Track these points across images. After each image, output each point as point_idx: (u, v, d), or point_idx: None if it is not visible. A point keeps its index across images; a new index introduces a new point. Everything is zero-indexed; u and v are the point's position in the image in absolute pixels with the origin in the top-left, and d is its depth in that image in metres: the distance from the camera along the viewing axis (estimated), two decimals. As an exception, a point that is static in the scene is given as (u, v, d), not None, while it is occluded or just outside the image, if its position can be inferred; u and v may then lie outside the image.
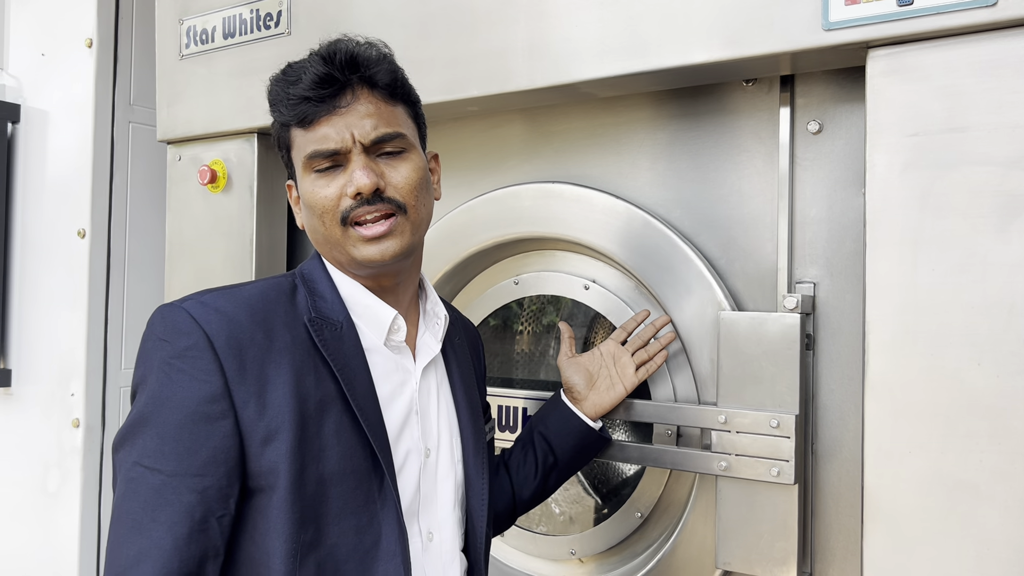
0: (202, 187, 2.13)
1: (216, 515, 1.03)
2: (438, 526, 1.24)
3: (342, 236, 1.16)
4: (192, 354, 1.05)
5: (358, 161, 1.14)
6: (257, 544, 1.07)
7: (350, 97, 1.15)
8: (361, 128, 1.14)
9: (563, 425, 1.54)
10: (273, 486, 1.06)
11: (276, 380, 1.08)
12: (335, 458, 1.10)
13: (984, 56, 1.21)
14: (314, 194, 1.16)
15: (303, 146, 1.17)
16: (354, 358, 1.15)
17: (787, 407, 1.45)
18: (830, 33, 1.30)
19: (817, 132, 1.51)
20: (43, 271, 2.65)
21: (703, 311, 1.57)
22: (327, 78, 1.14)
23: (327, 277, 1.21)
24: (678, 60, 1.44)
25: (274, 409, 1.06)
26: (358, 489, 1.11)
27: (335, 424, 1.11)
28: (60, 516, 2.55)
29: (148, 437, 1.03)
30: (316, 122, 1.15)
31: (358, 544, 1.11)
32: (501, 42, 1.63)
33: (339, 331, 1.16)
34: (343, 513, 1.10)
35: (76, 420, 2.51)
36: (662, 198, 1.67)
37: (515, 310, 2.07)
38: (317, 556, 1.08)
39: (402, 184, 1.17)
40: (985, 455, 1.20)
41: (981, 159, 1.21)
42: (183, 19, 2.14)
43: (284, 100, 1.16)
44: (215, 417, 1.04)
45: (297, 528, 1.06)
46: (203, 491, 1.02)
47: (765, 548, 1.46)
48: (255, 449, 1.06)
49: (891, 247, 1.27)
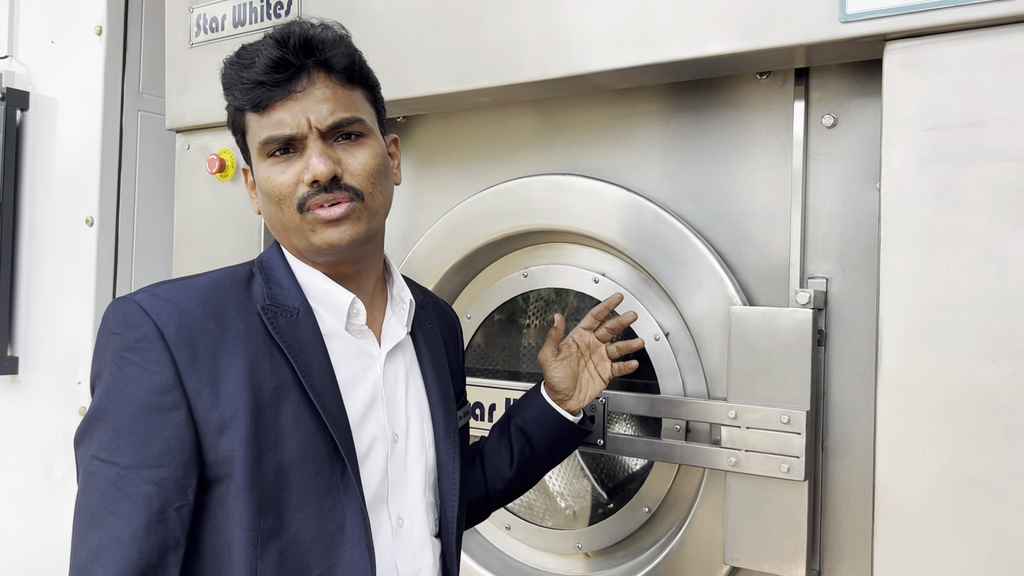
0: (211, 176, 2.12)
1: (174, 506, 1.03)
2: (408, 512, 1.23)
3: (300, 222, 1.14)
4: (142, 346, 1.05)
5: (315, 147, 1.12)
6: (219, 533, 1.06)
7: (306, 81, 1.13)
8: (317, 113, 1.12)
9: (542, 419, 1.47)
10: (230, 475, 1.05)
11: (229, 369, 1.07)
12: (294, 445, 1.09)
13: (1003, 50, 1.19)
14: (270, 180, 1.14)
15: (258, 131, 1.15)
16: (311, 344, 1.14)
17: (798, 403, 1.44)
18: (847, 25, 1.29)
19: (831, 126, 1.50)
20: (51, 259, 2.65)
21: (714, 306, 1.56)
22: (281, 62, 1.11)
23: (285, 264, 1.20)
24: (692, 52, 1.43)
25: (228, 398, 1.06)
26: (319, 475, 1.10)
27: (293, 411, 1.10)
28: (66, 503, 2.56)
29: (103, 431, 1.03)
30: (271, 107, 1.12)
31: (322, 530, 1.10)
32: (513, 32, 1.62)
33: (295, 317, 1.14)
34: (305, 500, 1.09)
35: (82, 408, 2.51)
36: (673, 191, 1.66)
37: (521, 304, 2.06)
38: (279, 543, 1.07)
39: (359, 171, 1.15)
40: (999, 453, 1.19)
41: (999, 154, 1.19)
42: (193, 7, 2.13)
43: (238, 84, 1.14)
44: (167, 408, 1.03)
45: (256, 516, 1.05)
46: (159, 482, 1.02)
47: (774, 544, 1.45)
48: (210, 438, 1.05)
49: (906, 242, 1.26)
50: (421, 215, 1.98)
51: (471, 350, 1.98)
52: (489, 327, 2.00)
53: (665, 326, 1.67)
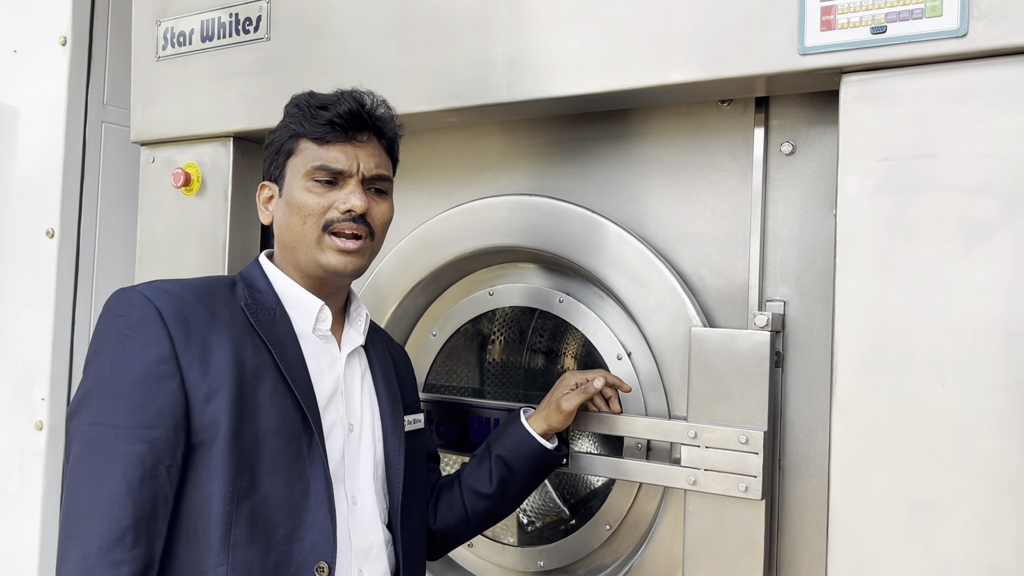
0: (175, 190, 2.11)
1: (165, 464, 1.18)
2: (360, 493, 1.39)
3: (317, 239, 1.35)
4: (144, 324, 1.22)
5: (357, 187, 1.36)
6: (199, 492, 1.21)
7: (366, 137, 1.38)
8: (367, 163, 1.37)
9: (524, 448, 1.56)
10: (214, 438, 1.21)
11: (217, 348, 1.25)
12: (269, 417, 1.26)
13: (954, 85, 1.24)
14: (307, 198, 1.35)
15: (312, 158, 1.36)
16: (286, 336, 1.33)
17: (756, 423, 1.47)
18: (805, 58, 1.33)
19: (790, 153, 1.54)
20: (9, 271, 2.61)
21: (675, 327, 1.59)
22: (356, 115, 1.36)
23: (264, 276, 1.40)
24: (656, 79, 1.46)
25: (215, 371, 1.23)
26: (290, 446, 1.27)
27: (270, 388, 1.28)
28: (21, 519, 2.51)
29: (104, 398, 1.19)
30: (332, 144, 1.35)
31: (289, 494, 1.26)
32: (481, 55, 1.64)
33: (272, 315, 1.35)
34: (276, 466, 1.26)
35: (39, 423, 2.47)
36: (637, 214, 1.69)
37: (487, 322, 2.08)
38: (252, 502, 1.23)
39: (379, 217, 1.40)
40: (948, 475, 1.23)
41: (949, 185, 1.24)
42: (160, 20, 2.12)
43: (310, 117, 1.36)
44: (163, 376, 1.20)
45: (235, 475, 1.21)
46: (153, 441, 1.17)
47: (732, 563, 1.48)
48: (199, 406, 1.22)
49: (860, 269, 1.30)
50: (388, 232, 1.99)
51: (435, 367, 1.99)
52: (454, 342, 2.01)
53: (627, 346, 1.70)
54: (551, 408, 1.57)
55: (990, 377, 1.21)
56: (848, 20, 1.29)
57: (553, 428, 1.57)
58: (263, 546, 1.23)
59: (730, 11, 1.39)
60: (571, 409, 1.55)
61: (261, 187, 1.46)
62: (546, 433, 1.57)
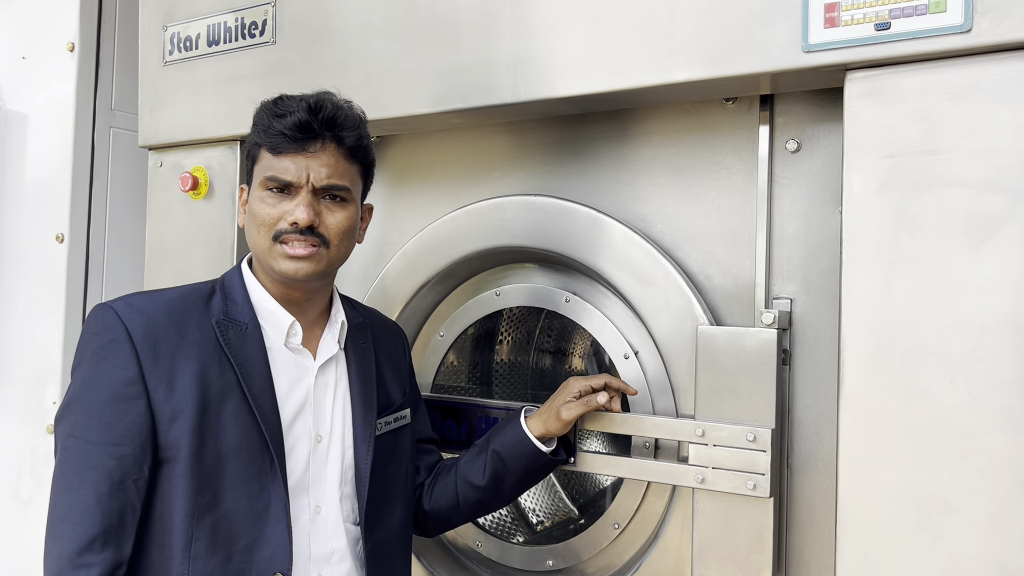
0: (183, 194, 2.12)
1: (132, 478, 1.27)
2: (325, 501, 1.44)
3: (269, 248, 1.38)
4: (114, 346, 1.30)
5: (304, 198, 1.37)
6: (165, 504, 1.30)
7: (319, 146, 1.38)
8: (317, 173, 1.37)
9: (520, 449, 1.57)
10: (176, 457, 1.29)
11: (183, 370, 1.31)
12: (232, 437, 1.33)
13: (958, 81, 1.24)
14: (260, 208, 1.39)
15: (266, 167, 1.39)
16: (254, 354, 1.38)
17: (763, 421, 1.47)
18: (809, 55, 1.33)
19: (795, 151, 1.54)
20: (20, 275, 2.63)
21: (682, 325, 1.59)
22: (306, 125, 1.36)
23: (242, 285, 1.44)
24: (660, 78, 1.47)
25: (180, 393, 1.30)
26: (251, 464, 1.34)
27: (234, 408, 1.33)
28: (32, 522, 2.53)
29: (79, 412, 1.28)
30: (283, 154, 1.37)
31: (250, 508, 1.33)
32: (486, 56, 1.64)
33: (244, 331, 1.39)
34: (238, 482, 1.33)
35: (50, 426, 2.49)
36: (643, 212, 1.69)
37: (494, 322, 2.08)
38: (213, 517, 1.31)
39: (333, 227, 1.40)
40: (956, 471, 1.22)
41: (954, 181, 1.24)
42: (167, 25, 2.13)
43: (265, 127, 1.38)
44: (131, 398, 1.28)
45: (195, 492, 1.29)
46: (121, 458, 1.26)
47: (740, 560, 1.48)
48: (164, 426, 1.29)
49: (867, 265, 1.29)
50: (394, 234, 2.00)
51: (443, 367, 1.99)
52: (460, 343, 2.02)
53: (634, 344, 1.70)
54: (551, 414, 1.57)
55: (998, 372, 1.20)
56: (852, 17, 1.29)
57: (551, 434, 1.57)
58: (223, 556, 1.31)
59: (734, 9, 1.39)
60: (570, 419, 1.55)
61: (241, 190, 1.50)
62: (543, 437, 1.57)
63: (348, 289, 1.94)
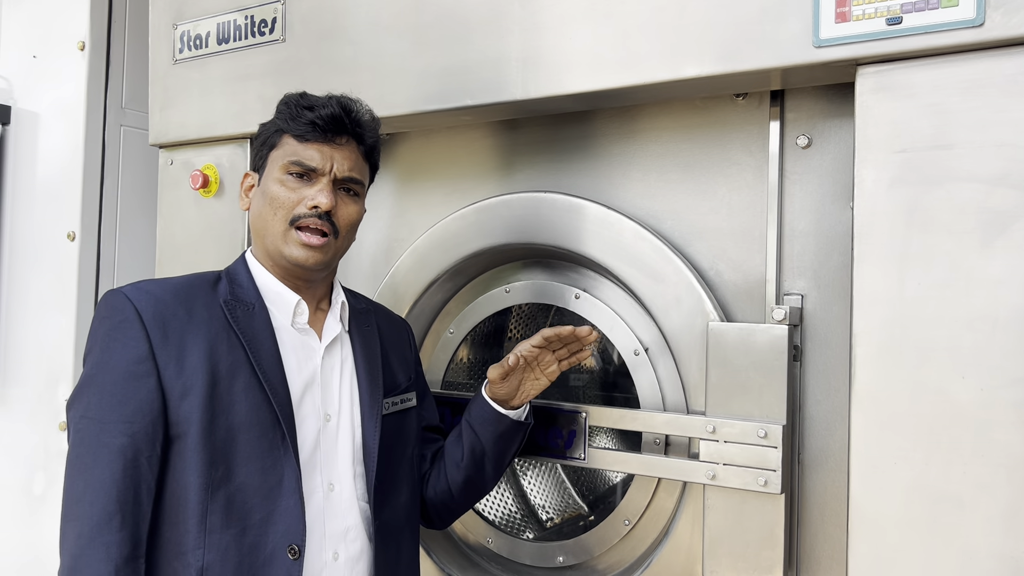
0: (194, 192, 2.13)
1: (144, 455, 1.29)
2: (338, 479, 1.46)
3: (283, 233, 1.42)
4: (125, 326, 1.32)
5: (327, 185, 1.43)
6: (178, 481, 1.31)
7: (344, 140, 1.46)
8: (340, 165, 1.44)
9: (483, 415, 1.61)
10: (188, 432, 1.31)
11: (193, 347, 1.34)
12: (243, 411, 1.35)
13: (970, 75, 1.23)
14: (279, 191, 1.43)
15: (290, 152, 1.44)
16: (262, 332, 1.41)
17: (774, 417, 1.47)
18: (820, 50, 1.32)
19: (806, 146, 1.54)
20: (32, 274, 2.64)
21: (692, 321, 1.59)
22: (338, 120, 1.43)
23: (247, 271, 1.48)
24: (670, 74, 1.46)
25: (190, 370, 1.32)
26: (263, 438, 1.36)
27: (244, 384, 1.35)
28: (46, 518, 2.54)
29: (91, 394, 1.30)
30: (311, 142, 1.43)
31: (264, 481, 1.35)
32: (495, 53, 1.64)
33: (251, 311, 1.42)
34: (251, 456, 1.35)
35: (63, 423, 2.50)
36: (653, 209, 1.69)
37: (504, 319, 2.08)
38: (227, 490, 1.32)
39: (345, 218, 1.46)
40: (968, 467, 1.22)
41: (966, 176, 1.23)
42: (177, 24, 2.14)
43: (293, 116, 1.44)
44: (142, 375, 1.30)
45: (209, 466, 1.31)
46: (133, 435, 1.28)
47: (752, 557, 1.48)
48: (174, 402, 1.31)
49: (878, 261, 1.29)
50: (404, 231, 2.00)
51: (453, 364, 1.99)
52: (471, 338, 2.02)
53: (645, 341, 1.70)
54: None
55: (1011, 368, 1.20)
56: (863, 11, 1.28)
57: (499, 397, 1.60)
58: (238, 530, 1.33)
59: (744, 4, 1.39)
60: (494, 378, 1.58)
61: (245, 176, 1.54)
62: (500, 401, 1.60)
63: (358, 286, 1.95)
